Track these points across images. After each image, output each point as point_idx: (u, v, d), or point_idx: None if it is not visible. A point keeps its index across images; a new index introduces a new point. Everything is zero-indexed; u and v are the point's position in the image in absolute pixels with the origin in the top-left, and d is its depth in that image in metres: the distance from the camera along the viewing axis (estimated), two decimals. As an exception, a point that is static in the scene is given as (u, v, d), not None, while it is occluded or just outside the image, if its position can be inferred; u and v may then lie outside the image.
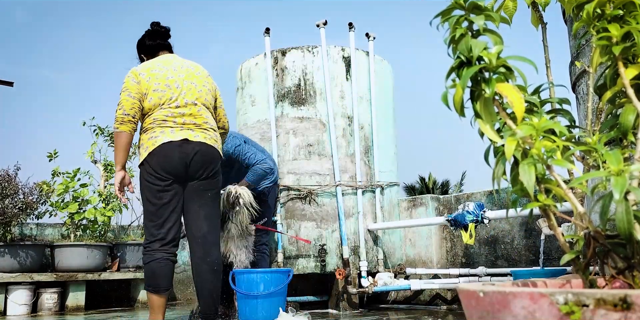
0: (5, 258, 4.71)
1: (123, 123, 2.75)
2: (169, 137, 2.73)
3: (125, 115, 2.75)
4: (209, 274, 2.81)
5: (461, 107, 1.00)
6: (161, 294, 2.73)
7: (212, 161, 2.82)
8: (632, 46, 1.00)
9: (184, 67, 2.94)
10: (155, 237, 2.75)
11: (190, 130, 2.78)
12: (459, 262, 4.49)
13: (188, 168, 2.76)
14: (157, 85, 2.81)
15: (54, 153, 5.63)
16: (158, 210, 2.75)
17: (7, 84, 6.70)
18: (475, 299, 0.85)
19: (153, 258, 2.73)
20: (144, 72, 2.86)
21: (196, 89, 2.88)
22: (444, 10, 1.04)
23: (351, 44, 4.59)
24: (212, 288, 2.83)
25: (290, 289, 4.15)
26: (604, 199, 0.86)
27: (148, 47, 3.07)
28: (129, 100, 2.77)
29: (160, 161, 2.72)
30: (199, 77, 2.93)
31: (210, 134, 2.86)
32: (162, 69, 2.88)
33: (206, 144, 2.80)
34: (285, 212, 4.31)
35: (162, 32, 3.08)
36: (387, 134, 4.71)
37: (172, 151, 2.72)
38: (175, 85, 2.84)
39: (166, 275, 2.74)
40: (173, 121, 2.77)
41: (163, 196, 2.75)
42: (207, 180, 2.83)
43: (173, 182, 2.76)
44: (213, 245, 2.84)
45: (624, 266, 0.92)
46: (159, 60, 2.95)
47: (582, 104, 2.23)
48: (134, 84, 2.81)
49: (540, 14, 2.21)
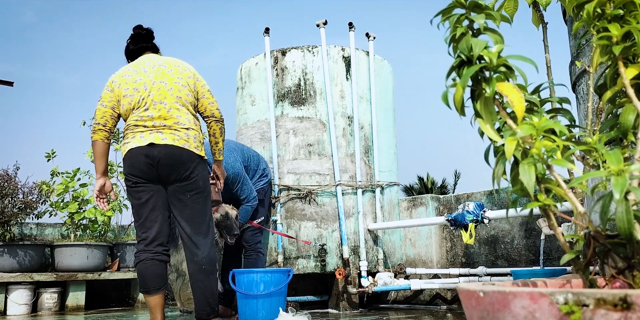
0: (6, 258, 4.71)
1: (95, 132, 2.86)
2: (137, 143, 2.77)
3: (96, 124, 2.87)
4: (198, 273, 2.83)
5: (461, 107, 1.00)
6: (152, 294, 2.75)
7: (181, 163, 2.77)
8: (632, 46, 1.00)
9: (155, 66, 2.90)
10: (139, 237, 2.83)
11: (160, 132, 2.77)
12: (459, 262, 4.49)
13: (157, 171, 2.77)
14: (126, 90, 2.84)
15: (51, 153, 5.63)
16: (138, 210, 2.83)
17: (7, 83, 6.70)
18: (475, 299, 0.85)
19: (139, 259, 2.80)
20: (116, 79, 2.90)
21: (166, 88, 2.83)
22: (445, 9, 1.04)
23: (351, 44, 4.59)
24: (203, 287, 2.83)
25: (290, 289, 4.15)
26: (604, 198, 0.86)
27: (131, 51, 3.07)
28: (100, 109, 2.87)
29: (129, 166, 2.80)
30: (170, 75, 2.87)
31: (180, 134, 2.79)
32: (132, 73, 2.88)
33: (173, 146, 2.75)
34: (285, 212, 4.31)
35: (143, 35, 3.06)
36: (387, 134, 4.71)
37: (138, 156, 2.76)
38: (143, 88, 2.82)
39: (153, 275, 2.76)
40: (143, 125, 2.79)
41: (140, 196, 2.82)
42: (182, 182, 2.80)
43: (147, 182, 2.81)
44: (199, 245, 2.83)
45: (624, 266, 0.92)
46: (132, 64, 2.96)
47: (582, 103, 2.23)
48: (107, 93, 2.89)
49: (540, 14, 2.21)
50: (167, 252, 2.87)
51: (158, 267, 2.79)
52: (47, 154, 5.62)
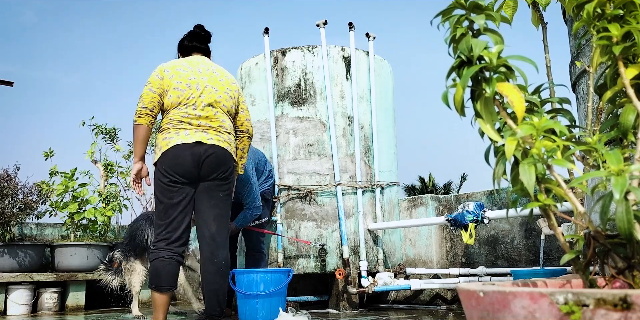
0: (6, 258, 4.71)
1: (141, 116, 2.81)
2: (183, 139, 2.76)
3: (143, 108, 2.81)
4: (215, 274, 2.82)
5: (461, 107, 1.00)
6: (163, 292, 2.75)
7: (224, 163, 2.83)
8: (632, 46, 1.00)
9: (209, 70, 2.95)
10: (162, 236, 2.79)
11: (205, 132, 2.80)
12: (459, 262, 4.49)
13: (200, 170, 2.78)
14: (179, 84, 2.85)
15: (50, 152, 5.63)
16: (167, 210, 2.78)
17: (7, 83, 6.70)
18: (475, 299, 0.85)
19: (157, 256, 2.76)
20: (168, 68, 2.90)
21: (216, 94, 2.89)
22: (445, 10, 1.04)
23: (351, 44, 4.59)
24: (217, 288, 2.83)
25: (290, 289, 4.15)
26: (604, 198, 0.86)
27: (184, 47, 3.11)
28: (149, 94, 2.83)
29: (172, 162, 2.76)
30: (221, 83, 2.94)
31: (225, 137, 2.87)
32: (186, 69, 2.91)
33: (219, 146, 2.81)
34: (285, 212, 4.31)
35: (201, 35, 3.10)
36: (387, 134, 4.71)
37: (184, 153, 2.75)
38: (195, 87, 2.85)
39: (169, 274, 2.76)
40: (189, 122, 2.80)
41: (173, 196, 2.78)
42: (218, 181, 2.84)
43: (184, 183, 2.79)
44: (221, 246, 2.84)
45: (624, 266, 0.92)
46: (186, 59, 2.98)
47: (582, 103, 2.23)
48: (157, 79, 2.86)
49: (540, 14, 2.21)
50: (184, 254, 2.88)
51: (175, 267, 2.79)
52: (45, 153, 5.62)
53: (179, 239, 2.80)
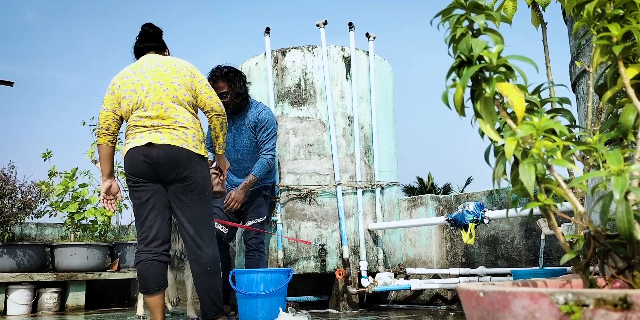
0: (5, 258, 4.71)
1: (99, 136, 2.92)
2: (136, 143, 2.80)
3: (99, 128, 2.92)
4: (202, 274, 2.84)
5: (461, 107, 1.00)
6: (152, 294, 2.76)
7: (179, 163, 2.77)
8: (633, 46, 1.00)
9: (152, 66, 2.90)
10: (139, 237, 2.85)
11: (158, 132, 2.78)
12: (459, 262, 4.49)
13: (156, 171, 2.78)
14: (125, 92, 2.86)
15: (48, 153, 5.62)
16: (138, 209, 2.85)
17: (7, 83, 6.70)
18: (475, 299, 0.85)
19: (138, 260, 2.81)
20: (116, 81, 2.93)
21: (162, 88, 2.82)
22: (445, 10, 1.04)
23: (351, 44, 4.59)
24: (207, 287, 2.84)
25: (290, 289, 4.15)
26: (604, 198, 0.86)
27: (137, 50, 3.07)
28: (102, 113, 2.92)
29: (129, 166, 2.83)
30: (166, 75, 2.86)
31: (179, 133, 2.79)
32: (130, 75, 2.90)
33: (171, 145, 2.75)
34: (285, 212, 4.31)
35: (150, 34, 3.05)
36: (387, 134, 4.71)
37: (137, 156, 2.78)
38: (140, 89, 2.84)
39: (152, 276, 2.77)
40: (142, 125, 2.81)
41: (140, 196, 2.84)
42: (183, 182, 2.80)
43: (147, 183, 2.83)
44: (204, 246, 2.83)
45: (624, 266, 0.92)
46: (132, 65, 2.98)
47: (582, 103, 2.23)
48: (108, 96, 2.93)
49: (540, 14, 2.21)
50: (167, 252, 2.87)
51: (158, 267, 2.79)
52: (44, 154, 5.61)
53: (156, 238, 2.81)
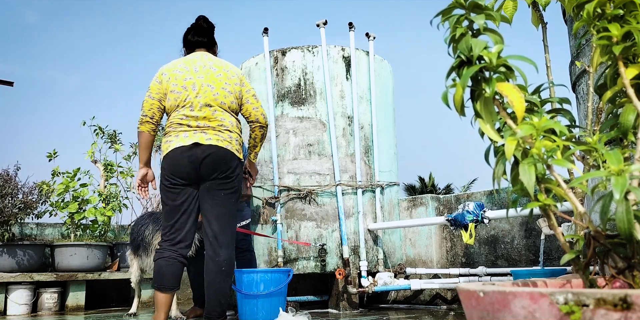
0: (5, 258, 4.71)
1: (142, 123, 2.91)
2: (181, 142, 2.80)
3: (143, 115, 2.91)
4: (217, 273, 2.82)
5: (461, 107, 0.99)
6: (165, 292, 2.76)
7: (223, 163, 2.81)
8: (633, 46, 1.00)
9: (206, 67, 2.92)
10: (166, 237, 2.83)
11: (204, 133, 2.81)
12: (459, 262, 4.49)
13: (199, 171, 2.79)
14: (175, 86, 2.86)
15: (53, 153, 5.63)
16: (171, 211, 2.83)
17: (7, 83, 6.70)
18: (475, 299, 0.85)
19: (161, 256, 2.79)
20: (166, 71, 2.92)
21: (212, 92, 2.86)
22: (445, 10, 1.04)
23: (351, 44, 4.59)
24: (219, 288, 2.82)
25: (290, 289, 4.15)
26: (604, 198, 0.86)
27: (187, 42, 3.09)
28: (147, 101, 2.91)
29: (171, 166, 2.81)
30: (218, 80, 2.91)
31: (224, 135, 2.85)
32: (182, 70, 2.90)
33: (217, 146, 2.80)
34: (285, 212, 4.31)
35: (204, 28, 3.07)
36: (387, 133, 4.71)
37: (181, 156, 2.78)
38: (191, 87, 2.85)
39: (172, 274, 2.77)
40: (187, 124, 2.82)
41: (175, 198, 2.83)
42: (219, 180, 2.83)
43: (186, 184, 2.82)
44: (223, 245, 2.83)
45: (624, 266, 0.92)
46: (184, 59, 2.98)
47: (582, 103, 2.23)
48: (155, 84, 2.92)
49: (540, 14, 2.21)
50: (187, 256, 2.87)
51: (178, 268, 2.80)
52: (49, 154, 5.62)
53: (183, 241, 2.82)
